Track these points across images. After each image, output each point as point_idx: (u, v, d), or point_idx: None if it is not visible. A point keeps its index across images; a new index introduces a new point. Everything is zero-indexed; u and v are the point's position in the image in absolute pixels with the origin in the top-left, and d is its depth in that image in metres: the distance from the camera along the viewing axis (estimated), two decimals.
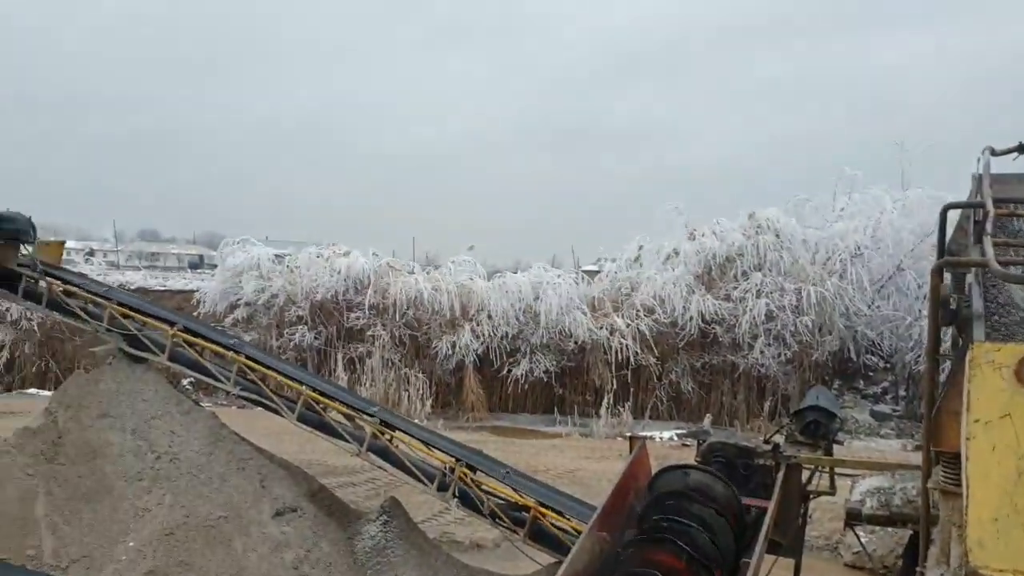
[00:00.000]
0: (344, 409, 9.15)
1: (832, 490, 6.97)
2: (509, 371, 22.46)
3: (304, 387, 9.13)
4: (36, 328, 24.11)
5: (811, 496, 6.92)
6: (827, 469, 6.84)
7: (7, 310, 23.69)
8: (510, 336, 22.68)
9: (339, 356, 23.01)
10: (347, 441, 8.97)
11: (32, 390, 23.50)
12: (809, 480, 6.77)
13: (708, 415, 22.03)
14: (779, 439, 7.06)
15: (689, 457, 6.79)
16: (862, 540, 8.76)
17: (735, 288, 21.97)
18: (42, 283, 9.96)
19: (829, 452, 6.87)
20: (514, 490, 8.24)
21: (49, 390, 21.44)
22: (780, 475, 6.27)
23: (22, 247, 10.11)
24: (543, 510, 7.92)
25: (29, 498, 8.39)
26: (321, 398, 9.09)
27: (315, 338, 23.41)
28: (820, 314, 21.13)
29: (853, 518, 6.42)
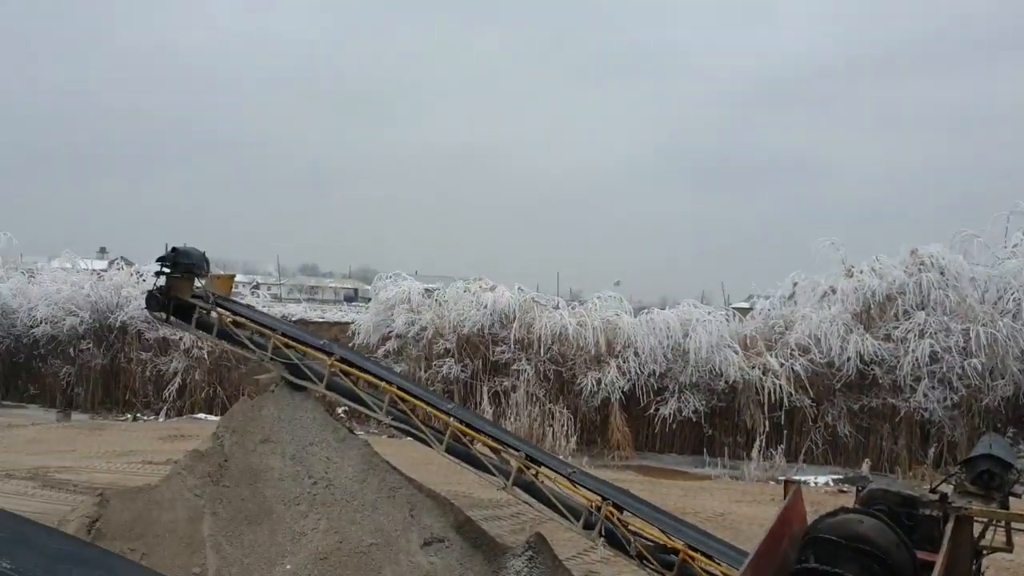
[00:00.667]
0: (490, 442, 9.24)
1: (1009, 547, 6.48)
2: (656, 410, 22.10)
3: (452, 419, 9.30)
4: (206, 356, 25.68)
5: (984, 552, 6.46)
6: (1003, 523, 6.37)
7: (180, 339, 25.35)
8: (657, 374, 22.36)
9: (484, 389, 23.33)
10: (493, 474, 9.05)
11: (201, 415, 25.02)
12: (982, 534, 6.33)
13: (867, 460, 21.17)
14: (947, 489, 6.64)
15: (846, 504, 6.47)
16: None
17: (896, 328, 20.89)
18: (213, 314, 10.61)
19: (1005, 505, 6.40)
20: (663, 532, 8.07)
21: (216, 415, 22.80)
22: (949, 528, 5.87)
23: (196, 280, 10.82)
24: (692, 553, 7.72)
25: (196, 518, 8.89)
26: (468, 430, 9.22)
27: (461, 371, 23.83)
28: (991, 356, 19.77)
29: None
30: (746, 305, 26.24)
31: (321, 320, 28.59)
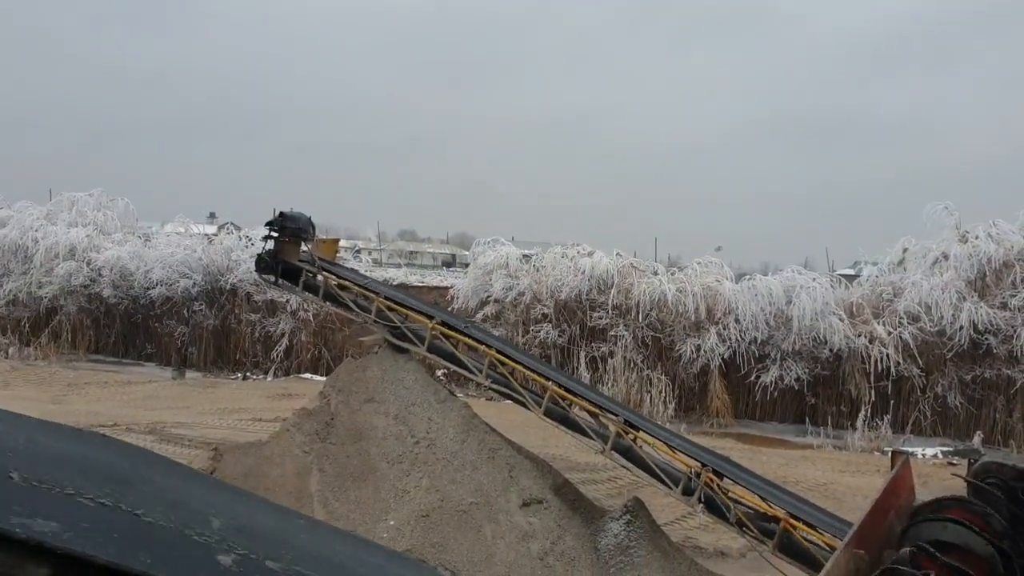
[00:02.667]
0: (588, 406, 9.28)
1: None
2: (757, 377, 21.74)
3: (550, 382, 9.37)
4: (312, 318, 26.46)
5: None
6: None
7: (287, 301, 26.19)
8: (759, 341, 21.96)
9: (582, 354, 23.35)
10: (591, 438, 9.10)
11: (307, 375, 25.86)
12: None
13: (979, 433, 20.40)
14: None
15: (955, 479, 6.27)
16: None
17: (1013, 296, 19.93)
18: (319, 277, 10.94)
19: None
20: (763, 499, 7.99)
21: (322, 375, 23.51)
22: None
23: (303, 244, 11.15)
24: (794, 522, 7.62)
25: (304, 473, 9.26)
26: (567, 394, 9.28)
27: (559, 336, 23.91)
28: None
29: None
30: (852, 272, 25.41)
31: (421, 284, 29.01)
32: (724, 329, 22.14)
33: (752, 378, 21.85)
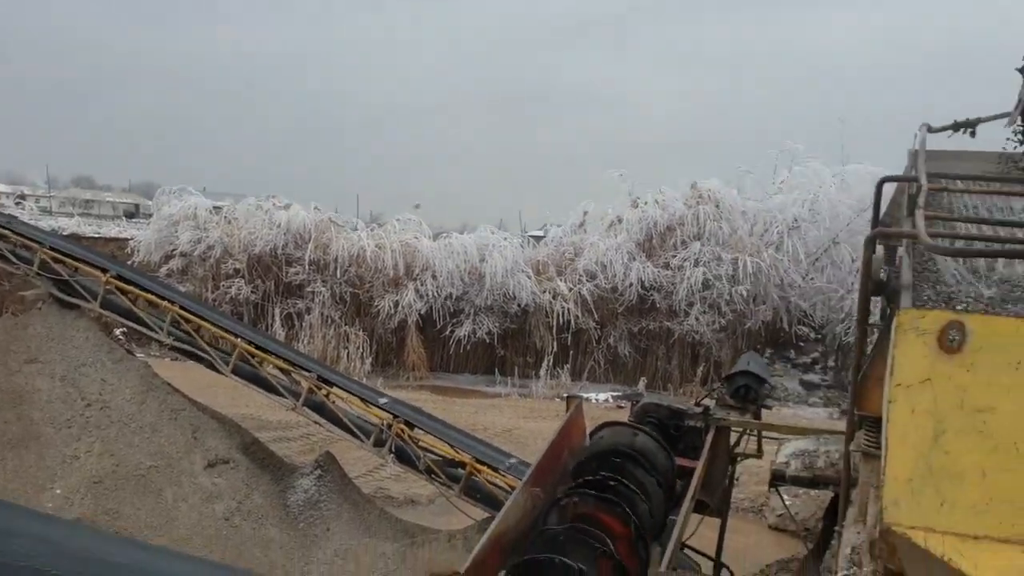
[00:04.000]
0: (281, 363, 9.07)
1: (759, 453, 7.15)
2: (452, 332, 22.49)
3: (239, 340, 9.02)
4: None
5: (738, 458, 7.10)
6: (755, 433, 7.02)
7: None
8: (454, 297, 22.69)
9: (276, 311, 22.75)
10: (282, 395, 8.91)
11: None
12: (737, 443, 6.94)
13: (643, 379, 22.51)
14: (710, 402, 7.21)
15: (623, 418, 6.90)
16: (786, 502, 9.03)
17: (674, 256, 22.25)
18: None
19: (758, 416, 7.03)
20: (451, 446, 8.29)
21: None
22: (709, 437, 6.41)
23: None
24: (479, 466, 7.99)
25: None
26: (257, 352, 8.99)
27: (252, 292, 23.08)
28: (755, 284, 21.54)
29: (777, 479, 6.59)
30: (541, 233, 26.97)
31: (96, 236, 26.61)
32: (422, 285, 22.61)
33: (447, 332, 22.57)
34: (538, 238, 25.87)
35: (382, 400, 8.92)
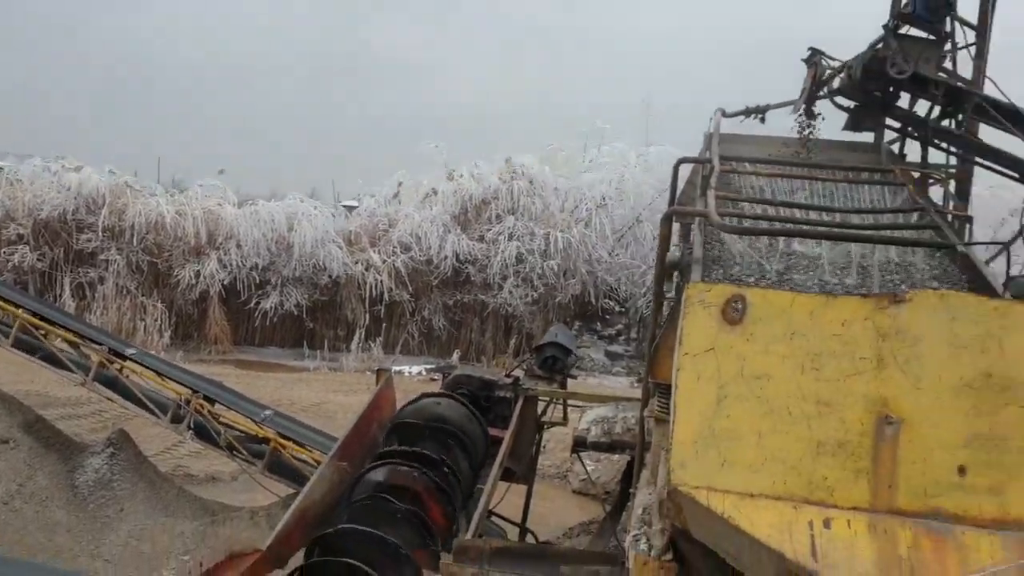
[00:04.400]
0: (69, 336, 8.46)
1: (564, 421, 7.40)
2: (258, 303, 21.77)
3: (20, 310, 8.33)
4: None
5: (545, 426, 7.32)
6: (560, 401, 7.25)
7: None
8: (260, 267, 21.95)
9: (66, 281, 21.17)
10: (71, 370, 8.32)
11: None
12: (544, 412, 7.14)
13: (457, 351, 22.72)
14: (520, 373, 7.38)
15: (436, 391, 6.94)
16: (588, 467, 9.41)
17: (489, 230, 22.54)
18: None
19: (564, 386, 7.27)
20: (254, 422, 8.04)
21: None
22: (518, 407, 6.56)
23: None
24: (283, 441, 7.81)
25: None
26: (42, 323, 8.34)
27: (38, 260, 21.34)
28: (565, 259, 22.21)
29: (579, 445, 6.86)
30: (355, 203, 26.51)
31: None
32: (225, 255, 21.70)
33: (252, 304, 21.83)
34: (351, 208, 25.43)
35: (183, 375, 8.53)
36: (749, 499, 2.66)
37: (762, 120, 6.84)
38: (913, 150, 6.33)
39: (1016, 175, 7.27)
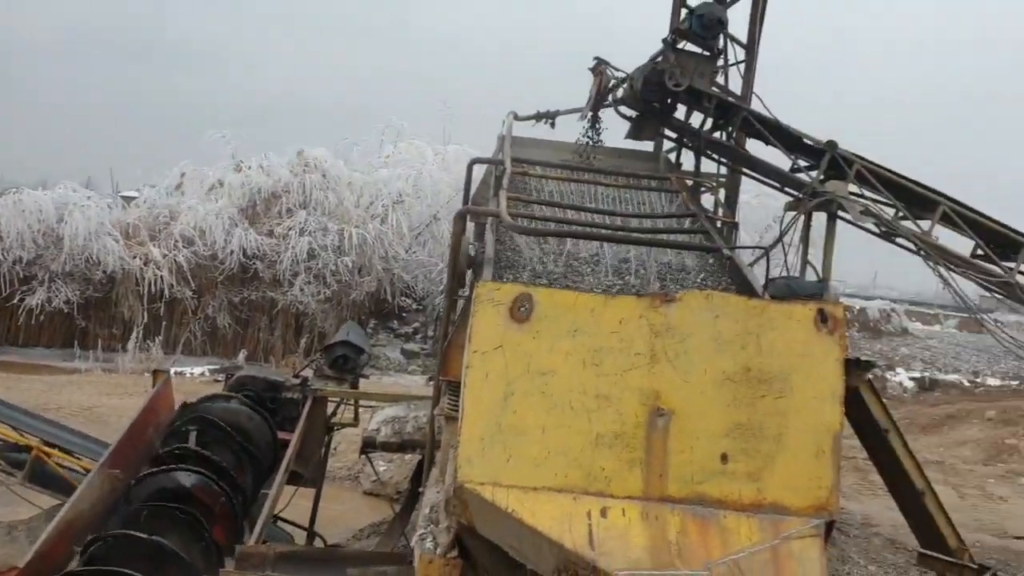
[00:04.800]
0: None
1: (355, 422, 7.32)
2: (22, 300, 20.00)
3: None
4: None
5: (335, 428, 7.21)
6: (351, 402, 7.16)
7: None
8: (25, 261, 20.19)
9: None
10: None
11: None
12: (334, 412, 7.03)
13: (243, 350, 21.94)
14: (309, 373, 7.23)
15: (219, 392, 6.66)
16: (379, 468, 9.35)
17: (279, 224, 21.89)
18: None
19: (356, 386, 7.18)
20: (14, 429, 7.36)
21: None
22: (306, 408, 6.42)
23: None
24: (48, 449, 7.19)
25: None
26: None
27: None
28: (361, 256, 21.95)
29: (368, 446, 6.81)
30: (135, 194, 24.93)
31: None
32: None
33: (16, 301, 20.04)
34: (131, 199, 23.90)
35: None
36: (532, 493, 2.74)
37: (552, 125, 7.08)
38: (688, 159, 6.78)
39: (778, 185, 7.96)
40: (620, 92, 6.67)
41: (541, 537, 2.66)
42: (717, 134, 7.40)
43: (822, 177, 7.24)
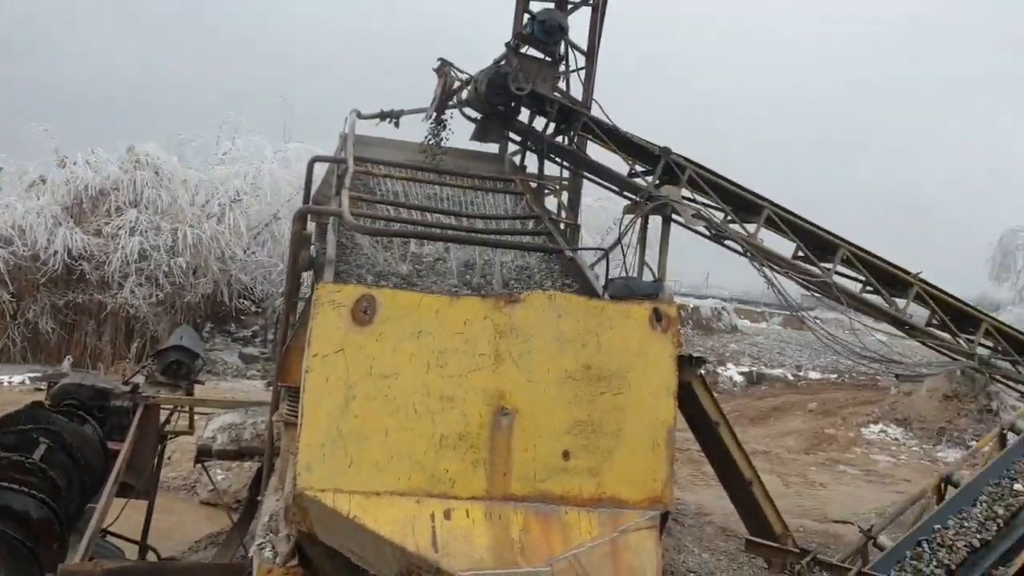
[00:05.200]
0: None
1: (190, 429, 7.03)
2: None
3: None
4: None
5: (169, 436, 6.90)
6: (185, 409, 6.87)
7: None
8: None
9: None
10: None
11: None
12: (168, 420, 6.73)
13: (69, 357, 20.60)
14: (140, 380, 6.88)
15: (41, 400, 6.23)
16: (216, 476, 9.03)
17: (108, 224, 20.68)
18: None
19: (191, 392, 6.90)
20: None
21: None
22: (137, 416, 6.11)
23: None
24: None
25: None
26: None
27: None
28: (196, 256, 21.05)
29: (203, 455, 6.56)
30: None
31: None
32: None
33: None
34: None
35: None
36: (375, 497, 2.70)
37: (396, 124, 7.04)
38: (532, 162, 6.90)
39: (617, 188, 8.22)
40: (465, 94, 6.71)
41: (384, 542, 2.62)
42: (559, 138, 7.59)
43: (657, 182, 7.53)
